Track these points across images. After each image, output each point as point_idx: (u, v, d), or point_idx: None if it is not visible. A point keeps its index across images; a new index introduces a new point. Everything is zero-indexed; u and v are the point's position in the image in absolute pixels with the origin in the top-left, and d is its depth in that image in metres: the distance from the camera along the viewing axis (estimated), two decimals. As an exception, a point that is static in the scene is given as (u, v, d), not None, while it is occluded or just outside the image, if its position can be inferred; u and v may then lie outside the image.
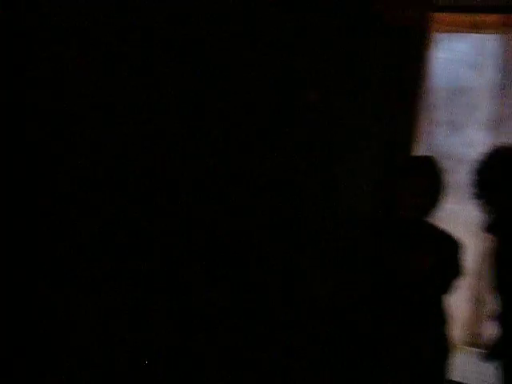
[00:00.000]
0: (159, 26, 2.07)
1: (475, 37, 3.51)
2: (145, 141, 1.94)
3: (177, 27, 2.08)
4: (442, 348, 2.30)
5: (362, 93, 2.80)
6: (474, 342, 3.90)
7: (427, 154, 2.79)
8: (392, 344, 2.23)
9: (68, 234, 1.89)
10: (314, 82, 2.44)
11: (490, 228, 2.38)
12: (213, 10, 2.06)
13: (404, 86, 3.07)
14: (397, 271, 2.22)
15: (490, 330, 3.17)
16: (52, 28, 1.82)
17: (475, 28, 3.33)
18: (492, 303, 2.93)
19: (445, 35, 3.47)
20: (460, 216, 3.37)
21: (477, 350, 3.86)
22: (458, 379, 3.74)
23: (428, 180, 2.21)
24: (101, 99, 1.84)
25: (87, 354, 1.96)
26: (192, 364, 1.98)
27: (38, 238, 1.81)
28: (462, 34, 3.47)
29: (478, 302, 3.81)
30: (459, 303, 3.63)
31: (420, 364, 2.23)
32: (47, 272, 1.86)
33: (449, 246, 2.29)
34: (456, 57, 3.49)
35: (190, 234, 2.07)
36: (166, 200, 2.11)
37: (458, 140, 3.34)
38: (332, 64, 2.60)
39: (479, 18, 3.23)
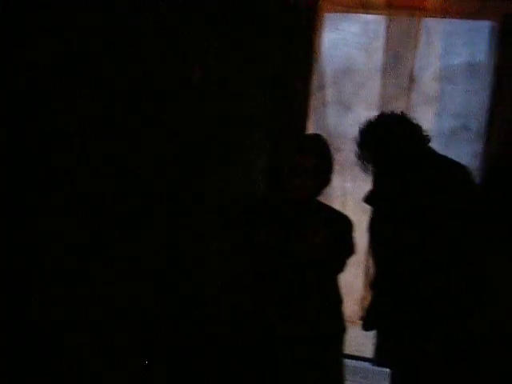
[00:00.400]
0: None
1: (363, 17, 3.57)
2: None
3: None
4: (337, 325, 2.32)
5: (250, 76, 2.75)
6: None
7: (316, 133, 2.80)
8: (288, 324, 2.21)
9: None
10: (199, 63, 2.35)
11: (368, 199, 2.48)
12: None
13: (293, 67, 3.06)
14: (289, 252, 2.20)
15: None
16: None
17: (363, 8, 3.38)
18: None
19: (334, 15, 3.50)
20: (351, 194, 3.45)
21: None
22: (355, 353, 3.86)
23: (315, 159, 2.19)
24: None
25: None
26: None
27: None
28: (350, 15, 3.51)
29: (368, 277, 3.95)
30: (353, 279, 3.75)
31: (317, 341, 2.24)
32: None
33: (339, 225, 2.30)
34: (345, 37, 3.53)
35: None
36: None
37: (347, 119, 3.39)
38: (218, 46, 2.52)
39: (367, -2, 3.28)
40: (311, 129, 3.14)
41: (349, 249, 2.32)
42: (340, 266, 2.33)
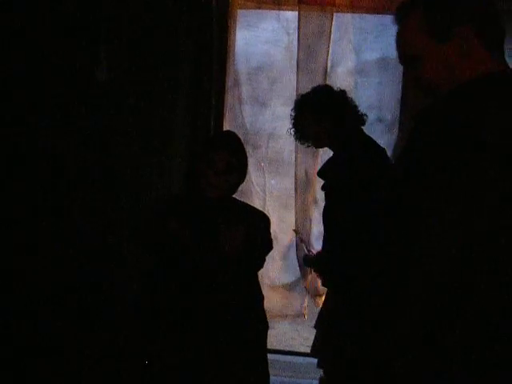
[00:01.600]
0: None
1: (278, 14, 3.58)
2: None
3: None
4: (259, 321, 2.31)
5: (162, 76, 2.69)
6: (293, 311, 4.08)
7: (229, 130, 2.79)
8: (210, 323, 2.18)
9: None
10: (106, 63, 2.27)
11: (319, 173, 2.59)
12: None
13: (206, 65, 3.03)
14: (207, 251, 2.17)
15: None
16: None
17: (275, 4, 3.40)
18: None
19: (247, 12, 3.50)
20: (270, 190, 3.46)
21: (298, 318, 4.06)
22: (285, 348, 3.89)
23: (229, 157, 2.17)
24: None
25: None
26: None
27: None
28: (264, 11, 3.52)
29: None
30: (277, 274, 3.78)
31: (240, 339, 2.22)
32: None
33: (256, 221, 2.30)
34: (259, 33, 3.53)
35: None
36: None
37: (263, 116, 3.40)
38: (125, 46, 2.45)
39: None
40: (227, 127, 3.12)
41: (267, 245, 2.32)
42: (259, 263, 2.33)
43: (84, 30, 2.13)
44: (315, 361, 2.93)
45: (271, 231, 2.35)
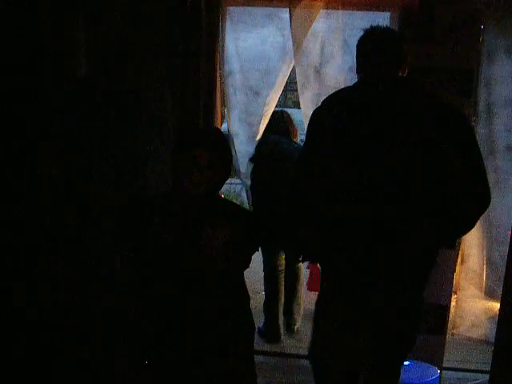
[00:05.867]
0: None
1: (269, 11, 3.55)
2: None
3: None
4: (245, 322, 2.27)
5: (151, 71, 2.65)
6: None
7: (212, 127, 2.76)
8: (196, 324, 2.14)
9: None
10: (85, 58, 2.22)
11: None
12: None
13: (194, 61, 3.00)
14: (192, 250, 2.13)
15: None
16: None
17: (266, 1, 3.38)
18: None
19: (237, 9, 3.48)
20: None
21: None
22: (277, 350, 3.85)
23: (211, 154, 2.13)
24: None
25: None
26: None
27: None
28: (255, 7, 3.50)
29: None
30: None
31: (226, 341, 2.18)
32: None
33: (242, 220, 2.25)
34: (250, 30, 3.52)
35: None
36: None
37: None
38: (110, 40, 2.41)
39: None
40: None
41: (252, 244, 2.28)
42: (245, 262, 2.28)
43: (60, 18, 2.06)
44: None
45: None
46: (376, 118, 2.04)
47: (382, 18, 3.24)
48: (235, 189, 7.93)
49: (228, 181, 2.30)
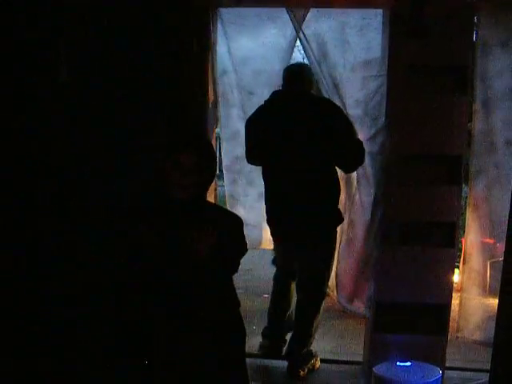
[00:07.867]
0: None
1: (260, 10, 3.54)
2: None
3: None
4: (235, 327, 2.26)
5: (135, 75, 2.62)
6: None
7: (197, 131, 2.74)
8: (185, 329, 2.15)
9: None
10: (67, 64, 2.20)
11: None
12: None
13: (185, 62, 2.97)
14: (180, 254, 2.11)
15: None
16: None
17: (257, 2, 3.35)
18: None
19: (230, 10, 3.46)
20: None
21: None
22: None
23: (196, 157, 2.12)
24: None
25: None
26: None
27: None
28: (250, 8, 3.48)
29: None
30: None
31: (216, 345, 2.17)
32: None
33: (229, 223, 2.23)
34: (241, 30, 3.51)
35: None
36: None
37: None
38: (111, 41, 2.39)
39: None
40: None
41: (241, 247, 2.26)
42: (234, 266, 2.26)
43: (41, 23, 2.03)
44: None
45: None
46: (287, 116, 3.14)
47: (375, 15, 3.21)
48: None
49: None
